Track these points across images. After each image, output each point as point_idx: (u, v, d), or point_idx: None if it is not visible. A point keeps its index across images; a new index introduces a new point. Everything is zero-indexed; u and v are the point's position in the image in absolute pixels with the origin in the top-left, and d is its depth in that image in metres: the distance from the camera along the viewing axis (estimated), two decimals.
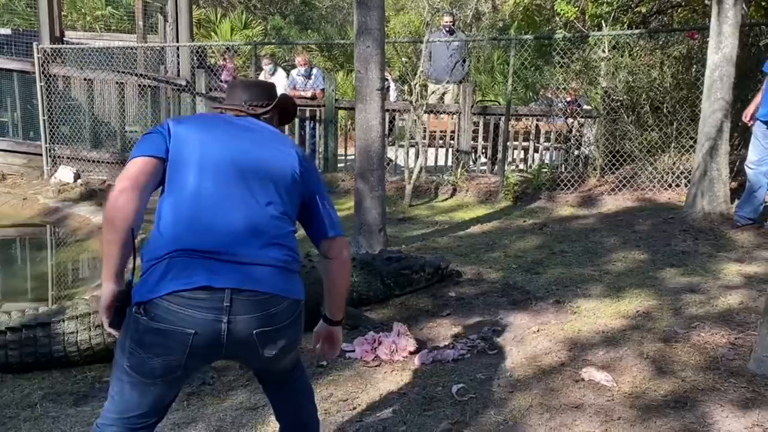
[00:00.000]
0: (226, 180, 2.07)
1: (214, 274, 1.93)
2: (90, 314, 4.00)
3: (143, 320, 1.91)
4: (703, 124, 6.45)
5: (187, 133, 2.12)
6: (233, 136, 2.18)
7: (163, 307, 1.90)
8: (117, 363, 2.04)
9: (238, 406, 3.40)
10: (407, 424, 3.12)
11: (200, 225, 1.99)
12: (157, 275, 1.94)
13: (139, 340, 1.94)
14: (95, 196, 9.33)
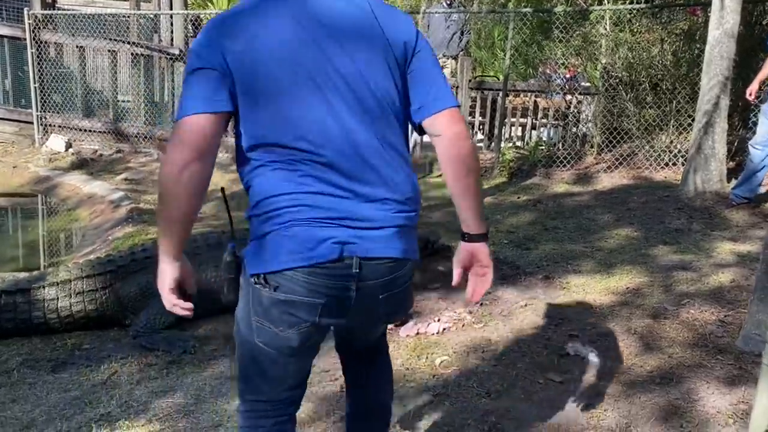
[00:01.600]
0: (340, 118, 1.68)
1: (340, 243, 1.67)
2: (71, 281, 3.93)
3: (267, 292, 1.69)
4: (701, 100, 6.35)
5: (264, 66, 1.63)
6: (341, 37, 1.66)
7: (289, 278, 1.66)
8: (244, 342, 1.83)
9: (219, 375, 3.35)
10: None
11: (322, 188, 1.69)
12: (276, 244, 1.68)
13: (265, 314, 1.72)
14: (86, 165, 9.24)
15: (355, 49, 1.65)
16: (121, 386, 3.26)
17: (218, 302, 4.11)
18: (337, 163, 1.64)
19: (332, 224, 1.65)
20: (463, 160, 1.75)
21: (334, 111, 1.64)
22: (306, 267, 1.63)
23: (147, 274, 4.01)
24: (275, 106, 1.63)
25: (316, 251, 1.63)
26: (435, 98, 1.74)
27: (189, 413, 2.99)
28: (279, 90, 1.62)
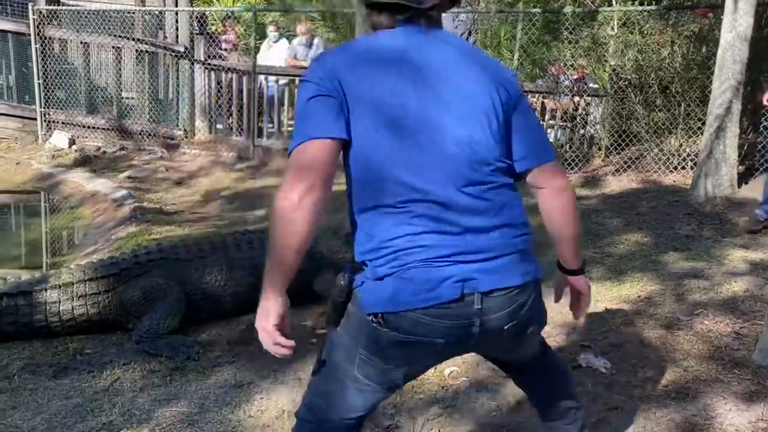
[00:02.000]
0: (449, 157, 1.69)
1: (460, 281, 1.65)
2: (74, 284, 3.87)
3: (385, 332, 1.66)
4: (713, 104, 6.26)
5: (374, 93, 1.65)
6: (451, 74, 1.70)
7: (410, 319, 1.63)
8: (338, 368, 1.80)
9: (223, 383, 3.29)
10: (396, 406, 3.00)
11: (447, 231, 1.67)
12: (397, 285, 1.65)
13: (378, 352, 1.71)
14: (89, 162, 9.17)
15: (460, 94, 1.69)
16: (124, 393, 3.20)
17: (222, 308, 4.07)
18: (448, 200, 1.65)
19: (450, 262, 1.63)
20: (569, 212, 1.89)
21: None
22: (427, 308, 1.62)
23: (150, 278, 3.94)
24: (388, 145, 1.65)
25: (436, 292, 1.62)
26: (537, 151, 1.81)
27: (193, 423, 2.92)
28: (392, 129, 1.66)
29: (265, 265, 1.71)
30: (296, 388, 3.18)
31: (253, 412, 3.01)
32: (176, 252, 4.10)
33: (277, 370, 3.38)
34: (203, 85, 9.59)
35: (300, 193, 1.57)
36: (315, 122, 1.61)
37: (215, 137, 9.72)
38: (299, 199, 1.57)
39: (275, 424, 2.91)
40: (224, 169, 8.80)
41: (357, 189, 1.70)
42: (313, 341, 3.70)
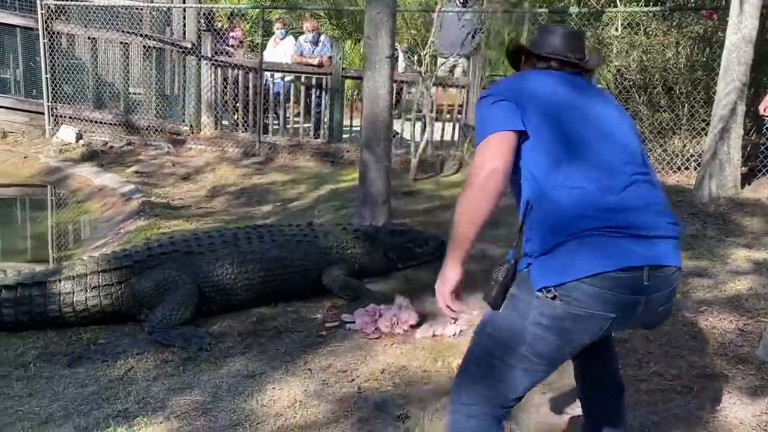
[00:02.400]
0: (618, 152, 1.96)
1: (632, 252, 1.80)
2: (87, 275, 3.93)
3: (558, 305, 1.79)
4: (717, 105, 6.31)
5: (553, 101, 1.99)
6: (601, 103, 2.07)
7: (583, 290, 1.76)
8: (507, 348, 1.89)
9: (235, 373, 3.35)
10: (406, 397, 3.06)
11: (611, 202, 1.85)
12: (571, 255, 1.78)
13: (550, 326, 1.82)
14: (97, 156, 9.22)
15: (612, 111, 2.09)
16: (138, 382, 3.26)
17: (233, 300, 4.13)
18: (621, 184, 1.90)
19: (626, 234, 1.80)
20: None
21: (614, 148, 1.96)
22: (605, 274, 1.75)
23: (163, 270, 4.00)
24: (573, 138, 1.93)
25: (616, 258, 1.77)
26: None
27: (207, 411, 2.98)
28: (571, 125, 1.97)
29: (450, 239, 1.98)
30: (307, 379, 3.24)
31: (265, 401, 3.07)
32: (188, 245, 4.16)
33: (289, 362, 3.44)
34: (210, 81, 9.64)
35: (487, 170, 1.86)
36: (498, 119, 1.92)
37: (221, 133, 9.77)
38: (487, 175, 1.86)
39: (287, 413, 2.96)
40: (230, 164, 8.85)
41: (546, 169, 1.89)
42: (323, 334, 3.76)
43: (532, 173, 1.92)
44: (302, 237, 4.42)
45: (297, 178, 8.22)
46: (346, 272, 4.41)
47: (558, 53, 2.13)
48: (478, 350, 1.99)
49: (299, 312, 4.11)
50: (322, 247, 4.45)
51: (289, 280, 4.25)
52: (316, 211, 6.71)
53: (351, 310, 4.02)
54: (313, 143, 9.40)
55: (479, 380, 1.96)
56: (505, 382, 1.92)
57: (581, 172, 1.87)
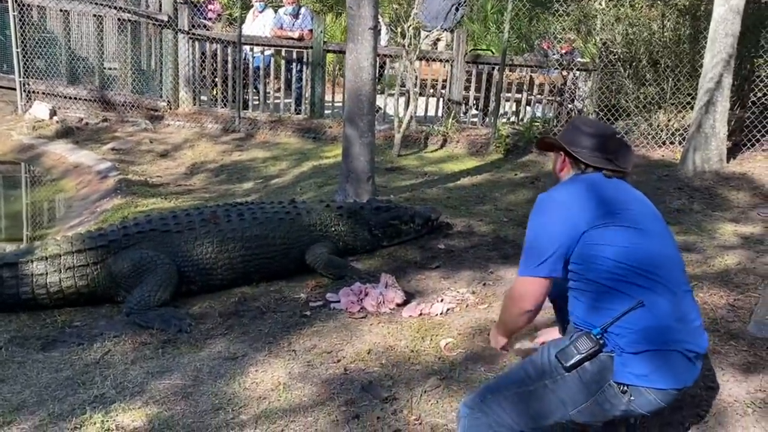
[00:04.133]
0: (673, 270, 2.16)
1: (688, 373, 2.08)
2: (61, 255, 3.78)
3: (623, 398, 2.05)
4: (704, 78, 6.24)
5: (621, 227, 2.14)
6: (650, 217, 2.23)
7: (646, 398, 2.04)
8: (559, 404, 2.12)
9: (216, 355, 3.24)
10: (394, 378, 2.98)
11: (683, 318, 2.10)
12: (654, 365, 2.02)
13: (602, 409, 2.09)
14: (72, 133, 8.96)
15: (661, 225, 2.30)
16: (115, 366, 3.14)
17: (214, 280, 4.00)
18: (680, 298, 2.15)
19: (689, 355, 2.08)
20: None
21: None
22: (669, 390, 2.04)
23: (140, 250, 3.87)
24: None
25: (681, 379, 2.06)
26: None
27: (187, 395, 2.88)
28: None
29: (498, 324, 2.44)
30: (291, 361, 3.15)
31: (248, 384, 2.97)
32: (166, 224, 4.02)
33: (272, 343, 3.34)
34: (187, 55, 9.38)
35: (523, 312, 2.24)
36: (549, 262, 2.15)
37: (200, 109, 9.54)
38: (519, 314, 2.25)
39: (271, 396, 2.87)
40: (209, 141, 8.65)
41: (610, 278, 2.10)
42: (307, 314, 3.66)
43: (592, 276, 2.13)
44: (284, 214, 4.30)
45: (278, 154, 8.06)
46: (330, 250, 4.31)
47: (599, 162, 2.26)
48: (522, 388, 2.17)
49: (282, 292, 4.00)
50: (305, 224, 4.34)
51: (271, 258, 4.14)
52: (298, 188, 6.59)
53: (335, 289, 3.93)
54: (295, 119, 9.22)
55: (512, 408, 2.16)
56: (535, 418, 2.15)
57: (659, 287, 2.09)
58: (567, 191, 2.22)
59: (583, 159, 2.25)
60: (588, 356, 2.05)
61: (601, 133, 2.31)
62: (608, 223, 2.11)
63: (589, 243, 2.10)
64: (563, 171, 2.35)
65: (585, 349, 2.05)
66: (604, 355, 2.06)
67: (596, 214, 2.13)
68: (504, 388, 2.20)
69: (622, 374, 2.03)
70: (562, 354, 2.09)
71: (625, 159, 2.31)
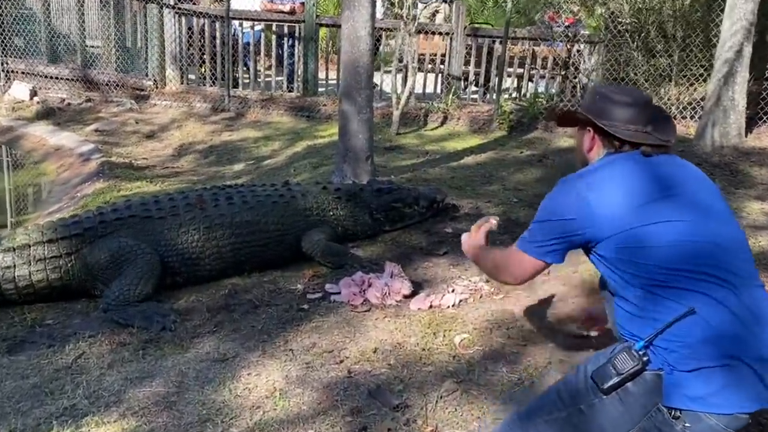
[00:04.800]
0: (737, 263, 1.80)
1: (761, 394, 1.70)
2: (30, 246, 3.41)
3: (676, 426, 1.70)
4: (722, 47, 5.88)
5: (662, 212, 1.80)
6: (708, 199, 1.88)
7: (706, 424, 1.68)
8: (594, 431, 1.80)
9: (204, 356, 2.89)
10: (404, 381, 2.64)
11: (753, 326, 1.73)
12: (716, 384, 1.67)
13: None
14: (53, 114, 8.55)
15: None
16: (89, 371, 2.78)
17: (201, 271, 3.65)
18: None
19: (757, 369, 1.69)
20: None
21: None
22: (737, 414, 1.66)
23: (118, 238, 3.50)
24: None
25: (755, 396, 1.68)
26: None
27: (170, 405, 2.53)
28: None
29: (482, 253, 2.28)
30: (288, 362, 2.80)
31: (239, 390, 2.62)
32: (147, 209, 3.65)
33: (266, 341, 2.99)
34: (173, 31, 8.95)
35: (507, 281, 2.21)
36: (540, 243, 1.96)
37: (187, 87, 9.14)
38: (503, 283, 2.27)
39: (265, 404, 2.52)
40: (198, 121, 8.25)
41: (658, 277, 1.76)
42: (305, 307, 3.31)
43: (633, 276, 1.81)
44: (277, 198, 3.93)
45: (270, 134, 7.67)
46: (328, 236, 3.95)
47: (638, 136, 1.91)
48: (552, 415, 1.87)
49: (277, 282, 3.64)
50: (300, 208, 3.97)
51: (263, 246, 3.77)
52: (291, 169, 6.21)
53: (335, 279, 3.57)
54: (287, 97, 8.82)
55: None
56: None
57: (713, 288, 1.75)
58: (597, 181, 1.87)
59: (619, 134, 1.89)
60: (628, 377, 1.74)
61: (636, 101, 1.94)
62: (651, 216, 1.78)
63: (629, 245, 1.77)
64: (593, 150, 1.99)
65: (625, 369, 1.74)
66: (651, 374, 1.74)
67: (634, 206, 1.79)
68: (532, 417, 1.90)
69: (673, 397, 1.70)
70: (597, 374, 1.78)
71: (665, 130, 1.95)
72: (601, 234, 1.80)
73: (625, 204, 1.79)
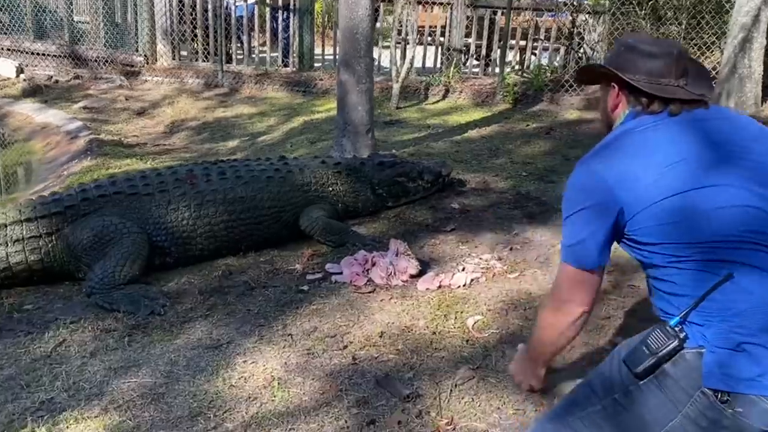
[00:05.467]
0: None
1: None
2: (6, 225, 3.16)
3: (725, 412, 1.46)
4: (738, 12, 5.61)
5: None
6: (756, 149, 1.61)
7: (762, 408, 1.44)
8: (634, 422, 1.58)
9: (195, 343, 2.66)
10: (414, 368, 2.42)
11: None
12: (764, 362, 1.45)
13: (699, 428, 1.50)
14: (40, 92, 8.25)
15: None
16: (70, 361, 2.55)
17: (193, 250, 3.41)
18: None
19: None
20: None
21: None
22: None
23: (102, 217, 3.25)
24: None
25: None
26: None
27: (158, 397, 2.30)
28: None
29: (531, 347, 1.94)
30: (287, 348, 2.57)
31: (234, 380, 2.39)
32: (133, 185, 3.40)
33: (263, 326, 2.76)
34: (164, 5, 8.64)
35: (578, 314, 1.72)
36: (583, 250, 1.68)
37: (179, 63, 8.84)
38: (576, 320, 1.72)
39: (263, 395, 2.30)
40: (190, 97, 7.96)
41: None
42: (304, 289, 3.07)
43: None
44: (273, 173, 3.68)
45: (265, 110, 7.40)
46: (328, 213, 3.70)
47: (669, 91, 1.64)
48: (586, 410, 1.65)
49: (274, 262, 3.40)
50: (297, 183, 3.72)
51: (259, 224, 3.53)
52: (288, 145, 5.96)
53: (336, 258, 3.33)
54: (283, 72, 8.53)
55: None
56: None
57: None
58: (612, 153, 1.63)
59: (646, 89, 1.63)
60: (665, 356, 1.52)
61: (666, 51, 1.66)
62: (684, 183, 1.52)
63: (660, 221, 1.53)
64: (617, 109, 1.72)
65: (660, 348, 1.52)
66: (691, 353, 1.51)
67: (660, 176, 1.54)
68: (565, 415, 1.67)
69: (718, 378, 1.47)
70: (630, 358, 1.57)
71: (700, 82, 1.68)
72: (626, 213, 1.56)
73: (647, 176, 1.55)
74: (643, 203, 1.54)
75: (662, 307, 1.60)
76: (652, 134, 1.61)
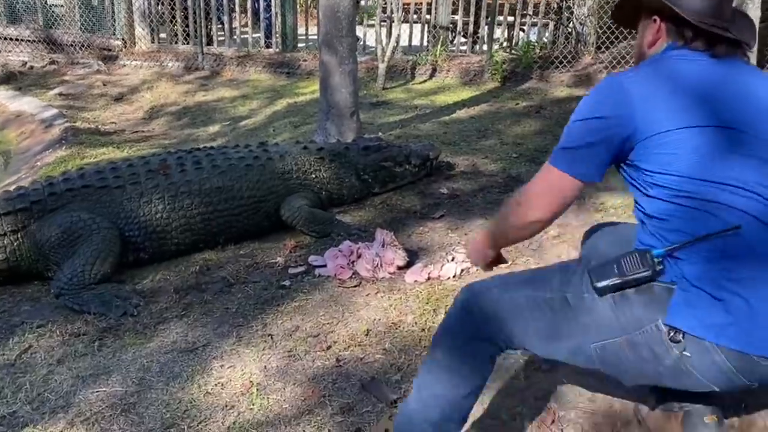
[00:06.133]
0: None
1: None
2: None
3: (671, 350, 1.43)
4: None
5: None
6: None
7: (710, 359, 1.40)
8: (575, 324, 1.54)
9: (170, 346, 2.50)
10: (402, 369, 2.28)
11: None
12: (739, 314, 1.38)
13: (637, 357, 1.48)
14: (14, 78, 7.99)
15: None
16: (35, 369, 2.39)
17: (168, 246, 3.24)
18: None
19: None
20: None
21: None
22: (751, 356, 1.38)
23: (71, 212, 3.07)
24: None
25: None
26: None
27: (128, 408, 2.15)
28: None
29: (493, 229, 1.82)
30: (267, 350, 2.42)
31: (210, 386, 2.24)
32: (103, 178, 3.21)
33: (242, 325, 2.60)
34: None
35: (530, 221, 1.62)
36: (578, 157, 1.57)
37: (158, 46, 8.58)
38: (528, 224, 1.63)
39: (241, 402, 2.15)
40: (170, 81, 7.73)
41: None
42: (286, 284, 2.92)
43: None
44: (252, 160, 3.50)
45: (248, 93, 7.19)
46: (311, 202, 3.54)
47: (717, 23, 1.52)
48: (537, 292, 1.59)
49: (254, 256, 3.24)
50: (278, 171, 3.55)
51: (238, 215, 3.36)
52: (271, 129, 5.77)
53: (320, 250, 3.18)
54: (265, 53, 8.30)
55: (513, 313, 1.61)
56: (540, 334, 1.59)
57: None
58: (643, 74, 1.53)
59: (695, 23, 1.53)
60: (631, 282, 1.47)
61: None
62: (697, 119, 1.45)
63: (665, 150, 1.45)
64: (656, 44, 1.61)
65: (628, 271, 1.46)
66: (660, 287, 1.46)
67: (680, 107, 1.46)
68: (517, 286, 1.63)
69: (680, 317, 1.41)
70: (596, 270, 1.52)
71: (745, 30, 1.58)
72: (638, 134, 1.48)
73: (674, 102, 1.48)
74: (661, 127, 1.46)
75: (651, 243, 1.51)
76: (689, 65, 1.53)
